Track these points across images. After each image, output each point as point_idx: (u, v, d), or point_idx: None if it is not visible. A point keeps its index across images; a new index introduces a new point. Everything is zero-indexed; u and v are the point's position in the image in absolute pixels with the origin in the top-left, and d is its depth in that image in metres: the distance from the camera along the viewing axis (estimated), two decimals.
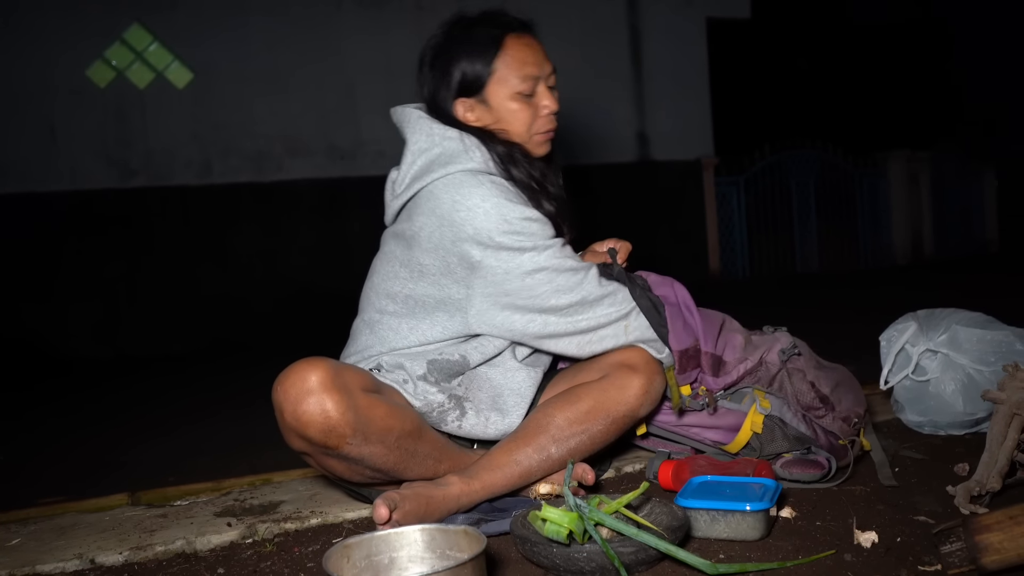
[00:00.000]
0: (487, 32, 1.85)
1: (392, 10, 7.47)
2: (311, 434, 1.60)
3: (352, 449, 1.63)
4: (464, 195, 1.76)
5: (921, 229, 11.15)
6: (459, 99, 1.87)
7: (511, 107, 1.86)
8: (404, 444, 1.70)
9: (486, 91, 1.85)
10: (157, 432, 3.78)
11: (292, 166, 7.46)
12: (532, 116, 1.88)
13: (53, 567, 1.72)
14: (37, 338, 6.63)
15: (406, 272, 1.83)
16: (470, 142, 1.83)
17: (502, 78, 1.84)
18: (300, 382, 1.59)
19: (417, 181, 1.83)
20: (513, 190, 1.82)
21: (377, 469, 1.69)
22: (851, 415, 1.95)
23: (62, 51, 6.74)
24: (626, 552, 1.39)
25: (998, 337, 2.11)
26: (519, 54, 1.85)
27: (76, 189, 6.82)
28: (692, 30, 9.14)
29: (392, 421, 1.67)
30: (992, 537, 1.31)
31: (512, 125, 1.87)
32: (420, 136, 1.86)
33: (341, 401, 1.59)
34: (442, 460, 1.79)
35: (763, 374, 1.96)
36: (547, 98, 1.89)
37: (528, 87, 1.85)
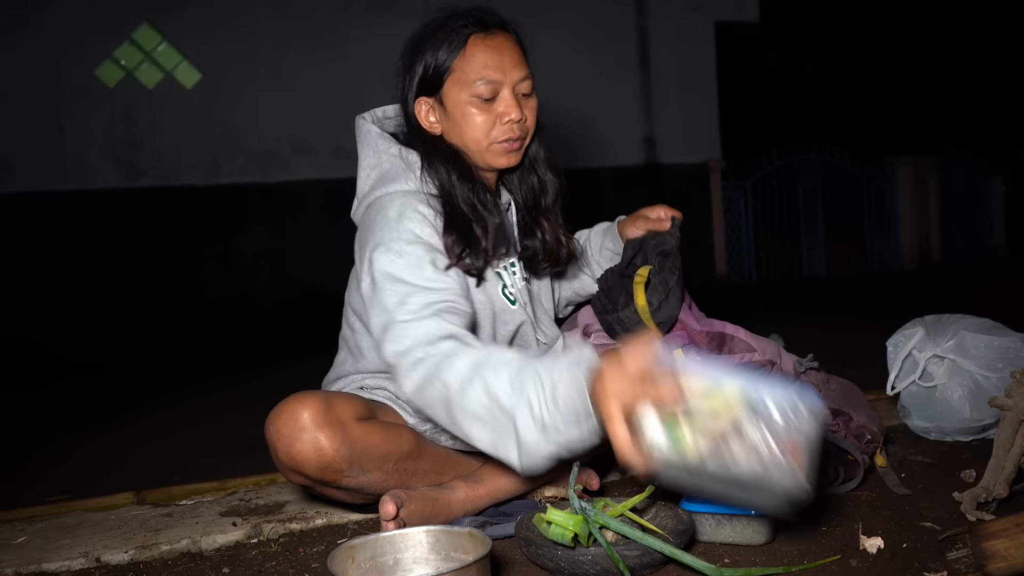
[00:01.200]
0: (453, 28, 1.72)
1: (400, 12, 7.47)
2: (308, 471, 1.60)
3: (350, 480, 1.63)
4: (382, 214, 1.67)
5: (928, 234, 11.13)
6: (420, 97, 1.77)
7: (467, 111, 1.72)
8: (403, 466, 1.69)
9: (443, 90, 1.73)
10: (162, 431, 3.79)
11: (299, 167, 7.47)
12: (491, 123, 1.73)
13: (59, 565, 1.72)
14: (42, 337, 6.64)
15: (355, 284, 1.79)
16: (412, 160, 1.75)
17: (459, 79, 1.71)
18: (292, 421, 1.57)
19: (367, 197, 1.77)
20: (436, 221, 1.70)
21: (378, 494, 1.68)
22: (864, 432, 1.92)
23: (71, 50, 6.75)
24: (631, 555, 1.39)
25: (1005, 343, 2.11)
26: (481, 56, 1.70)
27: (83, 188, 6.83)
28: (700, 33, 9.13)
29: (389, 447, 1.66)
30: (998, 544, 1.30)
31: (464, 131, 1.74)
32: (369, 151, 1.80)
33: (335, 436, 1.58)
34: (444, 472, 1.78)
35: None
36: (509, 105, 1.72)
37: (487, 91, 1.71)
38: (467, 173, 1.75)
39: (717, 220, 9.44)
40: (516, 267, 1.87)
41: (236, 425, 3.66)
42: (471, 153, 1.78)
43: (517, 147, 1.78)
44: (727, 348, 1.94)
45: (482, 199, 1.75)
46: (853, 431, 1.92)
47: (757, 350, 1.95)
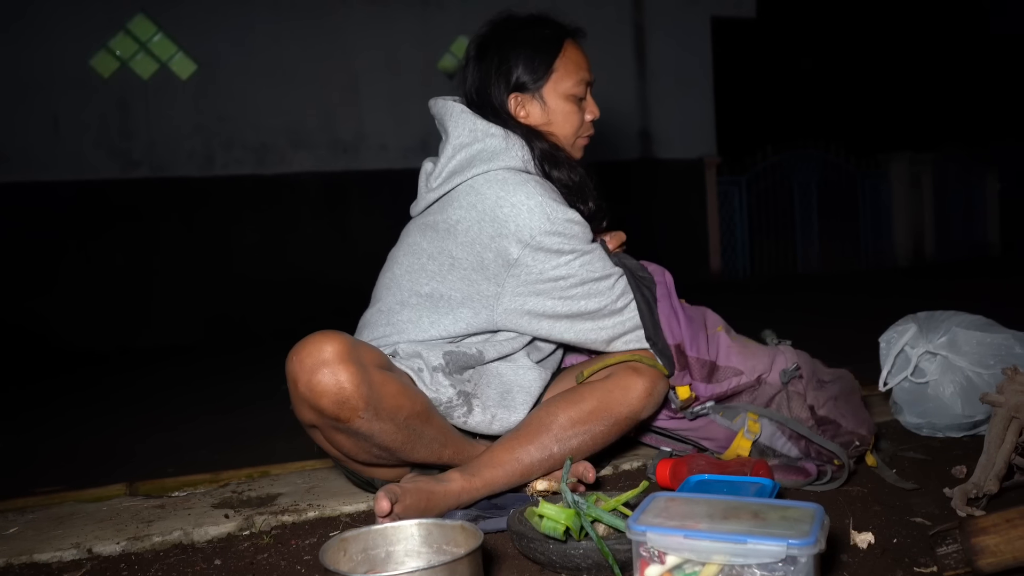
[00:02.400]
0: (549, 31, 1.90)
1: (398, 5, 7.46)
2: (324, 405, 1.59)
3: (363, 424, 1.62)
4: (509, 191, 1.77)
5: (922, 231, 11.15)
6: (513, 94, 1.89)
7: (565, 108, 1.91)
8: (412, 424, 1.70)
9: (543, 90, 1.89)
10: (158, 424, 3.79)
11: (295, 159, 7.46)
12: (581, 120, 1.94)
13: (50, 556, 1.72)
14: (38, 327, 6.63)
15: (434, 265, 1.82)
16: (514, 140, 1.85)
17: (560, 79, 1.89)
18: (316, 352, 1.58)
19: (456, 175, 1.83)
20: (555, 191, 1.84)
21: (384, 447, 1.69)
22: (852, 438, 1.92)
23: (66, 41, 6.74)
24: (622, 549, 1.39)
25: (997, 340, 2.11)
26: (577, 58, 1.91)
27: (79, 179, 6.82)
28: (697, 29, 9.13)
29: (403, 400, 1.67)
30: (988, 540, 1.31)
31: (562, 126, 1.92)
32: (463, 130, 1.86)
33: (356, 374, 1.58)
34: (447, 445, 1.79)
35: (761, 393, 1.95)
36: (594, 104, 1.96)
37: (581, 91, 1.92)
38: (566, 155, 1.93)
39: (712, 216, 9.46)
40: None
41: (233, 417, 3.67)
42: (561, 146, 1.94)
43: (588, 142, 2.00)
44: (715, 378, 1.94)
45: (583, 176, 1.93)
46: (841, 439, 1.92)
47: (744, 371, 1.94)
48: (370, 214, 7.17)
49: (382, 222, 1.98)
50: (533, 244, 1.75)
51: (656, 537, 1.18)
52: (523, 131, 1.88)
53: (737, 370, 1.94)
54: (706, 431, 1.98)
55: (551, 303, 1.79)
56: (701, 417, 1.97)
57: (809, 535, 1.12)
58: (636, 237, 2.13)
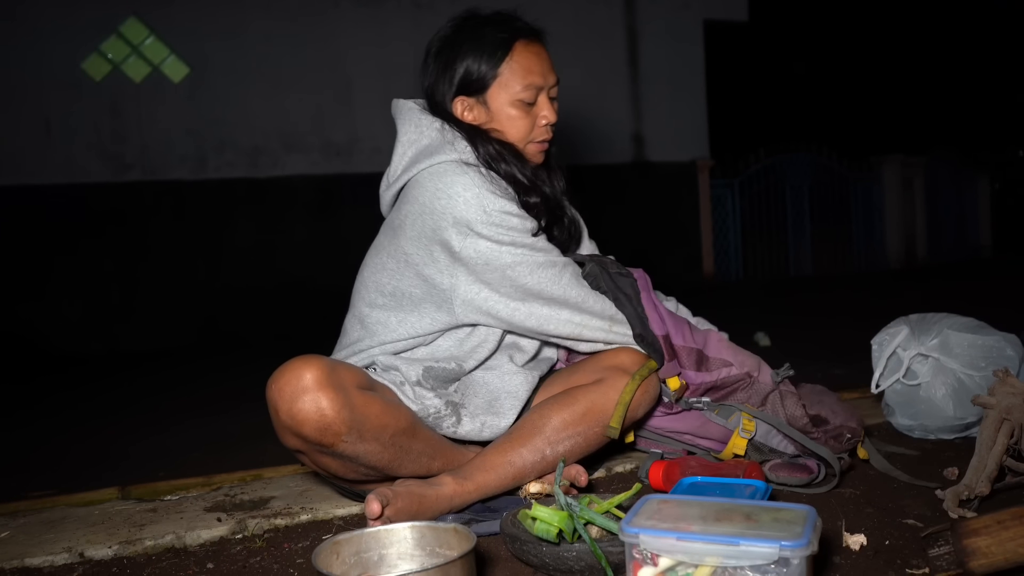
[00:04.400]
0: (498, 34, 1.85)
1: (390, 8, 7.46)
2: (306, 432, 1.59)
3: (347, 447, 1.63)
4: (446, 183, 1.77)
5: (915, 234, 11.18)
6: (459, 97, 1.87)
7: (510, 113, 1.87)
8: (398, 441, 1.70)
9: (488, 93, 1.86)
10: (149, 428, 3.77)
11: (288, 162, 7.45)
12: (530, 125, 1.89)
13: (42, 560, 1.71)
14: (29, 331, 6.61)
15: (393, 263, 1.84)
16: (452, 134, 1.84)
17: (505, 83, 1.85)
18: (295, 380, 1.58)
19: (406, 172, 1.85)
20: (497, 183, 1.82)
21: (371, 466, 1.69)
22: (843, 431, 1.95)
23: (58, 44, 6.72)
24: (615, 551, 1.39)
25: (989, 342, 2.12)
26: (526, 61, 1.86)
27: (70, 182, 6.80)
28: (689, 32, 9.15)
29: (387, 419, 1.67)
30: (980, 541, 1.31)
31: (508, 131, 1.88)
32: (410, 127, 1.88)
33: (336, 399, 1.58)
34: (436, 457, 1.79)
35: (754, 392, 1.96)
36: (547, 108, 1.89)
37: (530, 95, 1.86)
38: (517, 153, 1.89)
39: (705, 219, 9.47)
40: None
41: (223, 420, 3.66)
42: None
43: (546, 147, 1.94)
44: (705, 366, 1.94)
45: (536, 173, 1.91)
46: (832, 433, 1.94)
47: (734, 363, 1.95)
48: (363, 217, 7.11)
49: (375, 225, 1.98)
50: (472, 234, 1.75)
51: (649, 539, 1.18)
52: (467, 131, 1.86)
53: (726, 361, 1.95)
54: (704, 430, 1.98)
55: (500, 292, 1.78)
56: (694, 411, 1.96)
57: (802, 537, 1.12)
58: (629, 240, 2.14)
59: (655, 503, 1.29)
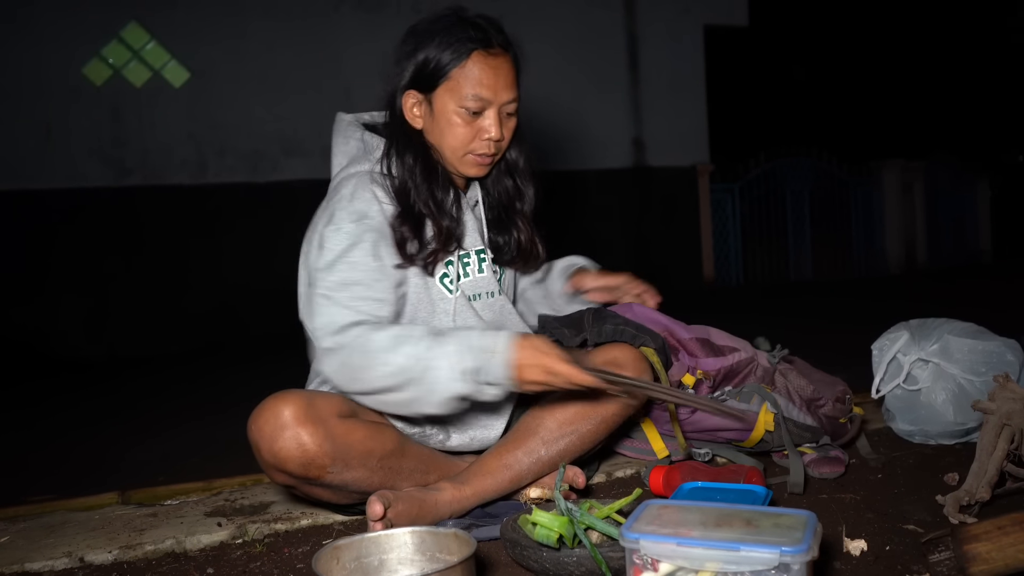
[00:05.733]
0: (460, 37, 1.75)
1: (389, 13, 7.47)
2: (291, 468, 1.60)
3: (334, 477, 1.64)
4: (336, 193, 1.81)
5: (915, 238, 11.18)
6: (410, 90, 1.82)
7: (452, 120, 1.78)
8: (387, 464, 1.70)
9: (435, 93, 1.79)
10: (149, 432, 3.78)
11: (288, 167, 7.45)
12: (471, 136, 1.80)
13: (42, 565, 1.71)
14: (29, 337, 6.60)
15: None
16: (373, 144, 1.85)
17: (453, 88, 1.76)
18: (273, 418, 1.59)
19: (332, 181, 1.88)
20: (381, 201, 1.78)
21: (363, 491, 1.69)
22: (841, 396, 2.09)
23: (58, 49, 6.72)
24: (615, 557, 1.39)
25: (989, 347, 2.12)
26: (479, 73, 1.75)
27: (71, 187, 6.79)
28: (690, 37, 9.15)
29: (371, 444, 1.67)
30: (980, 547, 1.31)
31: (447, 138, 1.81)
32: (339, 139, 1.91)
33: (316, 432, 1.59)
34: (430, 471, 1.79)
35: (762, 373, 2.00)
36: (492, 124, 1.79)
37: (475, 106, 1.77)
38: (432, 172, 1.83)
39: (705, 223, 9.47)
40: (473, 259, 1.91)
41: (223, 425, 3.64)
42: (444, 157, 1.85)
43: (488, 162, 1.86)
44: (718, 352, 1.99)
45: (438, 200, 1.82)
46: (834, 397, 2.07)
47: (740, 347, 2.01)
48: None
49: None
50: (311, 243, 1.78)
51: (649, 544, 1.18)
52: (393, 135, 1.84)
53: (732, 347, 1.99)
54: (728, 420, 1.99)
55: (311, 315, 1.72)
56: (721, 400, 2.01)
57: (802, 542, 1.12)
58: (629, 245, 2.14)
59: (655, 508, 1.29)
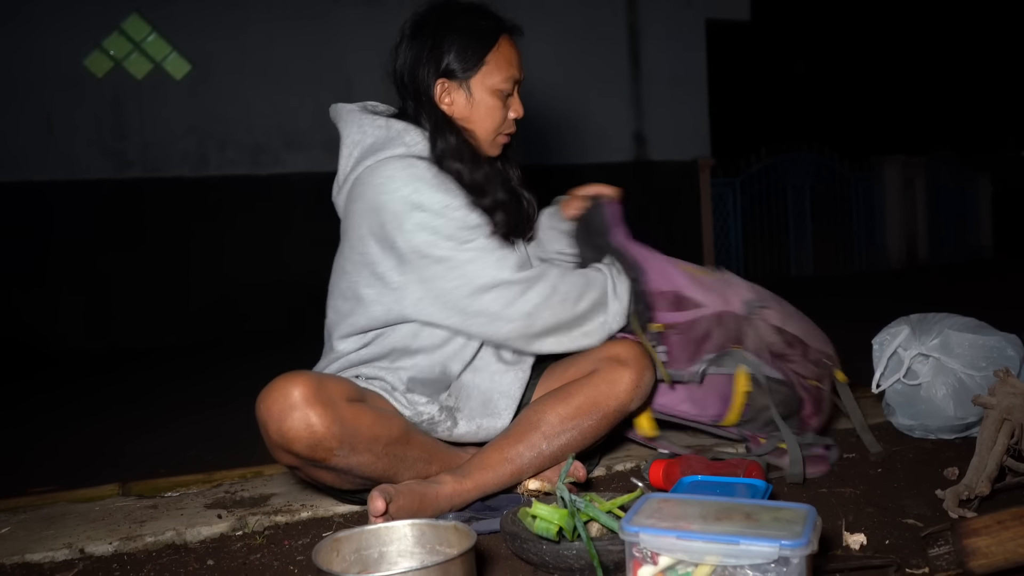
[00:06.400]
0: (488, 23, 1.85)
1: (390, 5, 7.45)
2: (297, 449, 1.60)
3: (340, 460, 1.64)
4: (386, 178, 1.75)
5: (915, 234, 11.17)
6: (440, 79, 1.85)
7: (489, 102, 1.86)
8: (392, 451, 1.70)
9: (471, 80, 1.85)
10: (150, 425, 3.78)
11: (289, 159, 7.45)
12: (503, 116, 1.89)
13: (42, 556, 1.71)
14: (28, 329, 6.61)
15: (350, 265, 1.83)
16: (397, 128, 1.83)
17: (490, 72, 1.85)
18: (283, 398, 1.59)
19: (352, 172, 1.85)
20: (441, 178, 1.79)
21: (367, 477, 1.70)
22: (820, 357, 2.04)
23: (60, 41, 6.71)
24: (615, 550, 1.39)
25: (990, 342, 2.12)
26: (510, 54, 1.87)
27: (71, 179, 6.79)
28: (691, 31, 9.13)
29: (379, 429, 1.67)
30: (980, 541, 1.31)
31: (483, 121, 1.88)
32: (352, 128, 1.88)
33: (325, 414, 1.59)
34: (432, 462, 1.79)
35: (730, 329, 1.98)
36: (519, 103, 1.91)
37: (509, 87, 1.87)
38: (477, 157, 1.87)
39: (706, 218, 9.46)
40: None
41: (223, 418, 3.66)
42: (478, 140, 1.89)
43: (508, 141, 1.95)
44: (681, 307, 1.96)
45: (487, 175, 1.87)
46: (811, 358, 2.02)
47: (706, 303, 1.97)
48: None
49: None
50: (411, 228, 1.72)
51: (649, 538, 1.18)
52: (435, 121, 1.84)
53: (697, 302, 1.97)
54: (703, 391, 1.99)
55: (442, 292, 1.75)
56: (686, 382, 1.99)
57: (801, 536, 1.12)
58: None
59: (655, 502, 1.29)
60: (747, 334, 1.98)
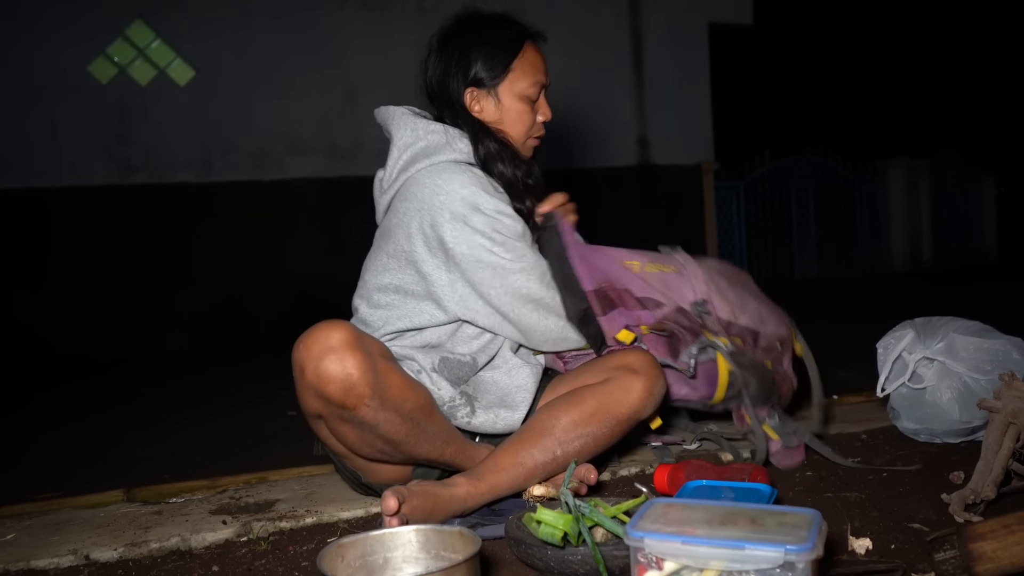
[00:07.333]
0: (511, 31, 1.94)
1: (394, 11, 7.47)
2: (331, 391, 1.60)
3: (368, 412, 1.64)
4: (445, 180, 1.82)
5: (920, 236, 11.16)
6: (470, 88, 1.93)
7: (518, 108, 1.94)
8: (416, 417, 1.71)
9: (499, 87, 1.93)
10: (153, 429, 3.78)
11: (292, 165, 7.46)
12: (532, 121, 1.98)
13: (47, 563, 1.72)
14: (34, 335, 6.62)
15: (394, 262, 1.88)
16: (453, 134, 1.90)
17: (517, 78, 1.93)
18: (323, 340, 1.61)
19: (403, 172, 1.89)
20: (493, 184, 1.88)
21: (388, 440, 1.70)
22: (773, 342, 2.11)
23: (64, 47, 6.74)
24: (620, 556, 1.39)
25: (995, 346, 2.12)
26: (535, 60, 1.95)
27: (76, 185, 6.81)
28: (694, 35, 9.14)
29: (407, 391, 1.70)
30: (986, 545, 1.31)
31: (513, 125, 1.96)
32: (405, 131, 1.92)
33: (362, 361, 1.61)
34: (449, 443, 1.81)
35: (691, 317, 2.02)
36: (546, 107, 1.99)
37: (535, 92, 1.95)
38: (516, 153, 1.96)
39: (709, 221, 9.46)
40: None
41: (227, 422, 3.66)
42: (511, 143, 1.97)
43: (538, 143, 2.03)
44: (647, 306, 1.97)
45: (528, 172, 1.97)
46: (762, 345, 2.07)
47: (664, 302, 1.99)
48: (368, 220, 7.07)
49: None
50: (467, 229, 1.80)
51: (654, 543, 1.18)
52: (473, 127, 1.92)
53: (657, 302, 1.99)
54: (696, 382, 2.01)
55: (489, 293, 1.83)
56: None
57: (807, 541, 1.12)
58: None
59: (660, 507, 1.29)
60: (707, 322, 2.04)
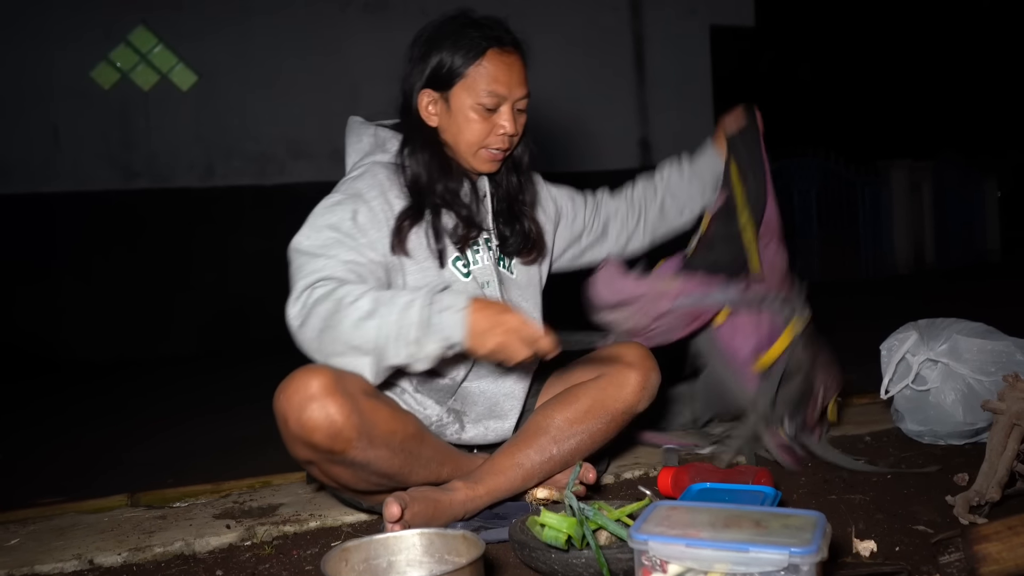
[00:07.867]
0: (474, 37, 1.82)
1: (396, 15, 7.47)
2: (317, 440, 1.59)
3: (358, 453, 1.63)
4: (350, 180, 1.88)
5: (922, 238, 11.14)
6: (426, 89, 1.87)
7: (469, 116, 1.84)
8: (408, 447, 1.70)
9: (451, 91, 1.84)
10: (156, 433, 3.78)
11: (295, 169, 7.46)
12: (487, 131, 1.85)
13: (52, 567, 1.72)
14: (36, 340, 6.62)
15: None
16: (385, 136, 1.94)
17: (469, 85, 1.82)
18: (303, 388, 1.58)
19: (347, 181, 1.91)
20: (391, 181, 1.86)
21: (383, 474, 1.69)
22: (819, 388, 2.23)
23: (66, 52, 6.74)
24: (624, 559, 1.39)
25: (998, 347, 2.12)
26: (494, 70, 1.82)
27: (78, 190, 6.81)
28: (696, 37, 9.14)
29: (395, 424, 1.68)
30: (990, 547, 1.31)
31: (463, 134, 1.86)
32: (352, 137, 1.99)
33: (345, 404, 1.58)
34: (444, 463, 1.80)
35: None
36: (507, 119, 1.85)
37: (491, 103, 1.83)
38: (446, 167, 1.89)
39: None
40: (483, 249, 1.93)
41: (231, 427, 3.67)
42: (459, 152, 1.89)
43: (501, 157, 1.91)
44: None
45: (453, 190, 1.89)
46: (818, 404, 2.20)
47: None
48: None
49: None
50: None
51: (658, 546, 1.18)
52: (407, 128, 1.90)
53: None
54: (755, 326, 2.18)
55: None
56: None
57: (811, 543, 1.12)
58: None
59: (664, 510, 1.29)
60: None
